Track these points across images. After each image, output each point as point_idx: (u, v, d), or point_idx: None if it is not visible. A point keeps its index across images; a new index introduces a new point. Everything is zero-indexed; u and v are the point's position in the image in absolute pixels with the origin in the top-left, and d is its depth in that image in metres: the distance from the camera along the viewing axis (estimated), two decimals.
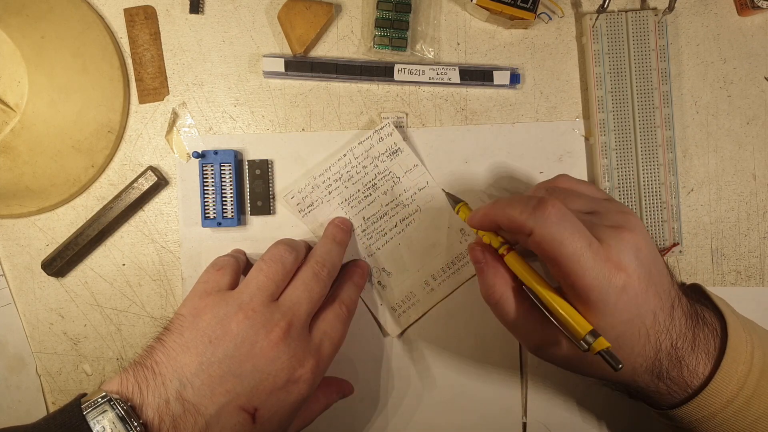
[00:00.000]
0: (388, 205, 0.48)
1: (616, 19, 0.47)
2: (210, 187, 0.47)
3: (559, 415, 0.49)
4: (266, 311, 0.39)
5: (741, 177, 0.49)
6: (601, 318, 0.35)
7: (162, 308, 0.49)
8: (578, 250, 0.33)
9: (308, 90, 0.49)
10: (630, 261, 0.35)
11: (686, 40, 0.49)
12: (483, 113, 0.49)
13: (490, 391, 0.49)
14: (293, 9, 0.46)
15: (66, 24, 0.45)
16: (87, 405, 0.34)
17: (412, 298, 0.49)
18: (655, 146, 0.48)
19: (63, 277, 0.49)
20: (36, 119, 0.43)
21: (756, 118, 0.49)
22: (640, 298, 0.35)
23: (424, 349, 0.49)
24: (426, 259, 0.49)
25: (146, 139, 0.49)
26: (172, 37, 0.48)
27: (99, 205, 0.48)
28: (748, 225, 0.49)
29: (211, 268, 0.42)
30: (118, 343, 0.50)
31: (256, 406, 0.37)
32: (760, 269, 0.49)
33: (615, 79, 0.48)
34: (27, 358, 0.50)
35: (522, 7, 0.45)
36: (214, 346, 0.37)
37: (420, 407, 0.50)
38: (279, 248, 0.42)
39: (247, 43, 0.48)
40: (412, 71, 0.48)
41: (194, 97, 0.48)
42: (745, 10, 0.48)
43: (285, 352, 0.38)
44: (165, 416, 0.35)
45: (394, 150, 0.48)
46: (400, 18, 0.47)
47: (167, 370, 0.36)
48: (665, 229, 0.48)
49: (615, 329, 0.35)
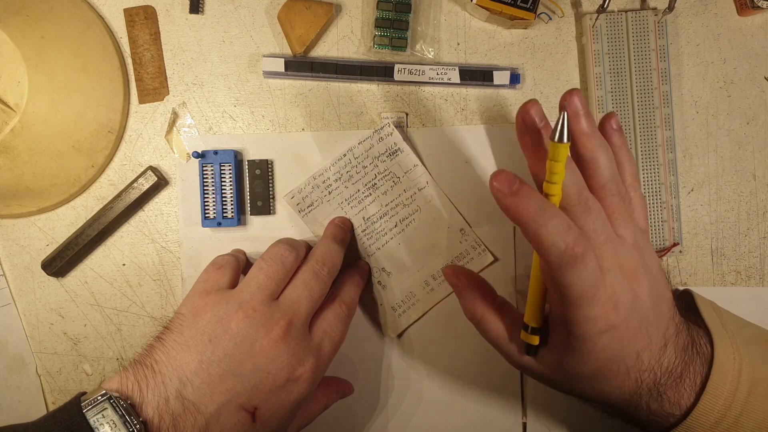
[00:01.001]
0: (388, 205, 0.48)
1: (616, 19, 0.47)
2: (210, 187, 0.47)
3: (559, 415, 0.49)
4: (266, 310, 0.39)
5: (741, 177, 0.49)
6: (579, 350, 0.35)
7: (162, 308, 0.49)
8: (586, 296, 0.33)
9: (308, 90, 0.49)
10: (624, 307, 0.35)
11: (686, 40, 0.49)
12: (483, 113, 0.49)
13: (490, 391, 0.49)
14: (293, 9, 0.46)
15: (66, 24, 0.45)
16: (87, 403, 0.34)
17: (412, 298, 0.49)
18: (655, 146, 0.48)
19: (63, 277, 0.49)
20: (36, 119, 0.43)
21: (756, 118, 0.49)
22: (624, 341, 0.35)
23: (424, 349, 0.49)
24: (426, 259, 0.49)
25: (146, 139, 0.49)
26: (172, 37, 0.48)
27: (99, 205, 0.48)
28: (748, 225, 0.49)
29: (210, 267, 0.42)
30: (118, 343, 0.50)
31: (256, 405, 0.37)
32: (760, 269, 0.49)
33: (615, 79, 0.48)
34: (27, 358, 0.50)
35: (522, 7, 0.45)
36: (214, 344, 0.37)
37: (420, 407, 0.50)
38: (279, 247, 0.42)
39: (247, 43, 0.48)
40: (412, 71, 0.48)
41: (194, 97, 0.49)
42: (745, 10, 0.48)
43: (285, 351, 0.38)
44: (165, 415, 0.35)
45: (394, 150, 0.48)
46: (400, 18, 0.47)
47: (167, 368, 0.36)
48: (665, 229, 0.48)
49: (591, 363, 0.36)
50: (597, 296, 0.33)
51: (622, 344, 0.35)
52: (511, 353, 0.40)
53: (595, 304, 0.33)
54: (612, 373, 0.36)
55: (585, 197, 0.35)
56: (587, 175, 0.37)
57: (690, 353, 0.37)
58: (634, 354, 0.36)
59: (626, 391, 0.37)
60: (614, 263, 0.35)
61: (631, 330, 0.35)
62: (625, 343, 0.35)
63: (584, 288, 0.33)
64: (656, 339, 0.36)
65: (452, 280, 0.42)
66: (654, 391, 0.36)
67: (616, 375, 0.36)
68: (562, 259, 0.32)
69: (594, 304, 0.33)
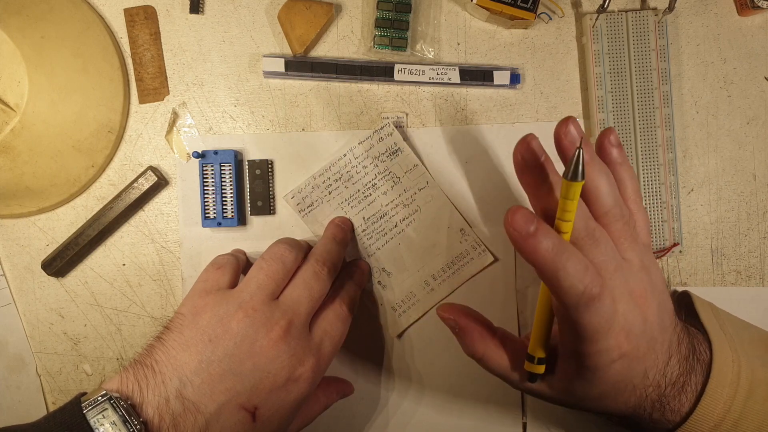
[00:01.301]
0: (388, 205, 0.48)
1: (616, 19, 0.47)
2: (210, 187, 0.47)
3: (559, 416, 0.49)
4: (266, 310, 0.39)
5: (741, 177, 0.49)
6: (590, 379, 0.35)
7: (162, 308, 0.49)
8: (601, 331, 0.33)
9: (308, 90, 0.49)
10: (636, 334, 0.34)
11: (686, 40, 0.49)
12: (483, 113, 0.49)
13: (490, 391, 0.49)
14: (293, 9, 0.46)
15: (66, 24, 0.45)
16: (87, 404, 0.34)
17: (412, 298, 0.49)
18: (655, 146, 0.48)
19: (63, 277, 0.49)
20: (36, 119, 0.43)
21: (756, 118, 0.49)
22: (633, 363, 0.35)
23: (424, 349, 0.49)
24: (426, 259, 0.49)
25: (146, 139, 0.49)
26: (172, 37, 0.48)
27: (99, 205, 0.48)
28: (748, 225, 0.49)
29: (210, 267, 0.42)
30: (118, 343, 0.50)
31: (256, 405, 0.37)
32: (760, 269, 0.49)
33: (615, 79, 0.48)
34: (27, 358, 0.50)
35: (522, 7, 0.45)
36: (214, 344, 0.37)
37: (420, 407, 0.50)
38: (279, 247, 0.42)
39: (247, 43, 0.48)
40: (412, 71, 0.48)
41: (194, 97, 0.49)
42: (745, 10, 0.48)
43: (285, 350, 0.38)
44: (165, 415, 0.34)
45: (394, 150, 0.48)
46: (400, 18, 0.47)
47: (167, 368, 0.36)
48: (665, 229, 0.48)
49: (601, 387, 0.36)
50: (611, 330, 0.33)
51: (632, 367, 0.35)
52: (515, 383, 0.40)
53: (610, 337, 0.33)
54: (619, 392, 0.36)
55: (592, 228, 0.34)
56: (589, 203, 0.36)
57: (691, 361, 0.37)
58: (642, 373, 0.36)
59: (631, 405, 0.37)
60: (624, 291, 0.34)
61: (641, 353, 0.35)
62: (635, 365, 0.35)
63: (600, 324, 0.32)
64: (662, 354, 0.36)
65: (449, 322, 0.41)
66: (657, 403, 0.37)
67: (623, 393, 0.36)
68: (581, 301, 0.31)
69: (608, 337, 0.33)
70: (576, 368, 0.35)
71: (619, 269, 0.35)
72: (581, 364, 0.35)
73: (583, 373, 0.35)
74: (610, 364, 0.34)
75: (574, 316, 0.32)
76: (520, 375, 0.39)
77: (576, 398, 0.38)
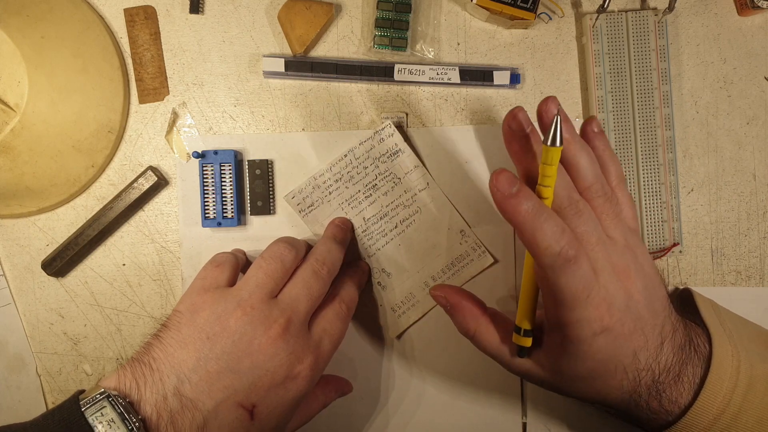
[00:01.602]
0: (388, 206, 0.48)
1: (616, 19, 0.47)
2: (210, 187, 0.47)
3: (559, 415, 0.49)
4: (265, 308, 0.39)
5: (741, 177, 0.49)
6: (574, 352, 0.36)
7: (162, 308, 0.49)
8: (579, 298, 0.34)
9: (308, 90, 0.49)
10: (618, 308, 0.35)
11: (686, 40, 0.49)
12: (483, 113, 0.49)
13: (490, 391, 0.49)
14: (293, 9, 0.46)
15: (66, 24, 0.45)
16: (85, 402, 0.34)
17: (411, 299, 0.49)
18: (655, 146, 0.48)
19: (63, 277, 0.49)
20: (36, 119, 0.43)
21: (756, 118, 0.49)
22: (619, 340, 0.35)
23: (424, 350, 0.49)
24: (426, 260, 0.49)
25: (146, 139, 0.49)
26: (172, 37, 0.48)
27: (99, 205, 0.49)
28: (748, 225, 0.49)
29: (209, 265, 0.42)
30: (118, 343, 0.50)
31: (254, 403, 0.37)
32: (760, 269, 0.49)
33: (615, 79, 0.48)
34: (27, 358, 0.50)
35: (522, 7, 0.45)
36: (212, 342, 0.37)
37: (420, 407, 0.49)
38: (279, 246, 0.42)
39: (247, 43, 0.49)
40: (412, 71, 0.48)
41: (194, 97, 0.49)
42: (745, 10, 0.48)
43: (283, 348, 0.38)
44: (163, 412, 0.34)
45: (395, 151, 0.48)
46: (400, 18, 0.47)
47: (165, 366, 0.36)
48: (665, 229, 0.48)
49: (587, 364, 0.36)
50: (590, 297, 0.34)
51: (618, 344, 0.35)
52: (507, 362, 0.41)
53: (589, 306, 0.34)
54: (609, 373, 0.36)
55: (575, 200, 0.36)
56: (572, 178, 0.38)
57: (687, 351, 0.37)
58: (631, 353, 0.36)
59: (625, 390, 0.37)
60: (606, 264, 0.35)
61: (626, 330, 0.35)
62: (621, 343, 0.35)
63: (577, 289, 0.33)
64: (652, 338, 0.36)
65: (440, 300, 0.43)
66: (653, 390, 0.37)
67: (614, 374, 0.36)
68: (556, 262, 0.33)
69: (588, 305, 0.34)
70: (560, 340, 0.36)
71: (601, 243, 0.36)
72: (565, 336, 0.35)
73: (567, 346, 0.36)
74: (593, 337, 0.35)
75: (552, 279, 0.33)
76: (510, 350, 0.40)
77: (566, 378, 0.38)
